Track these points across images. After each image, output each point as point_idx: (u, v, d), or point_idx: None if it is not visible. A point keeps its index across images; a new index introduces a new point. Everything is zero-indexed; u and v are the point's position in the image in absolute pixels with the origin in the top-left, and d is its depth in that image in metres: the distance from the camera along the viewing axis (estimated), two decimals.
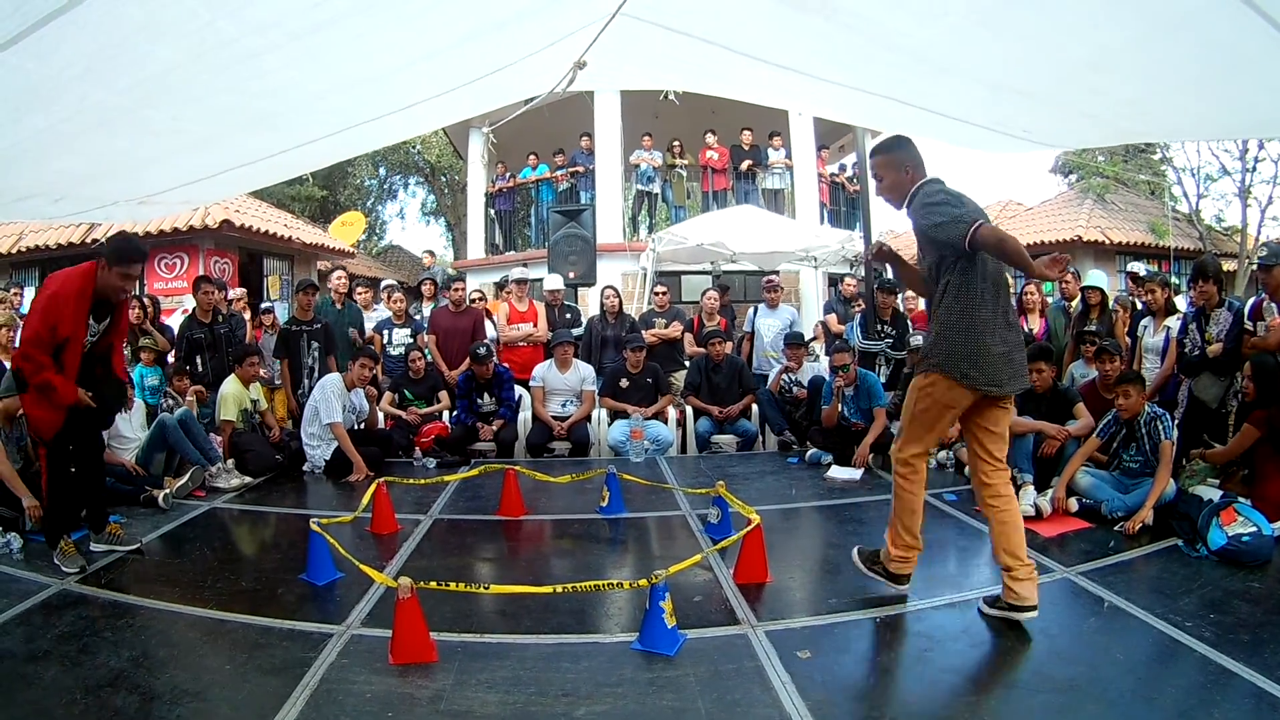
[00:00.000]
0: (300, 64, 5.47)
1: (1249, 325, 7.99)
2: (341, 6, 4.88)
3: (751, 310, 13.40)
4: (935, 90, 6.07)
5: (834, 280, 17.76)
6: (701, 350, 11.88)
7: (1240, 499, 6.45)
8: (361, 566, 5.31)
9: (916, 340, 10.56)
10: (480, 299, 13.15)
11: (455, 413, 11.18)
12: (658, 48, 6.48)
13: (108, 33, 4.29)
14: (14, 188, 6.51)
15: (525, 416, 11.47)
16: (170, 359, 10.72)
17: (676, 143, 21.28)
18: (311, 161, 9.18)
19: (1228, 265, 23.57)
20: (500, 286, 14.66)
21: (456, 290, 12.23)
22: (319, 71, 5.72)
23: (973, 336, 5.04)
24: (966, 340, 5.05)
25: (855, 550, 5.73)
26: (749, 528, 5.88)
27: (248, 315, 13.15)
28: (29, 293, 17.82)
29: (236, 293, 13.77)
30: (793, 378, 11.24)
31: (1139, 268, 13.38)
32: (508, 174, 23.21)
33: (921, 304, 13.91)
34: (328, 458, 9.65)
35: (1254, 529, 6.03)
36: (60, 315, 6.12)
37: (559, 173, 21.71)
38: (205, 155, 6.71)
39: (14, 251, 19.10)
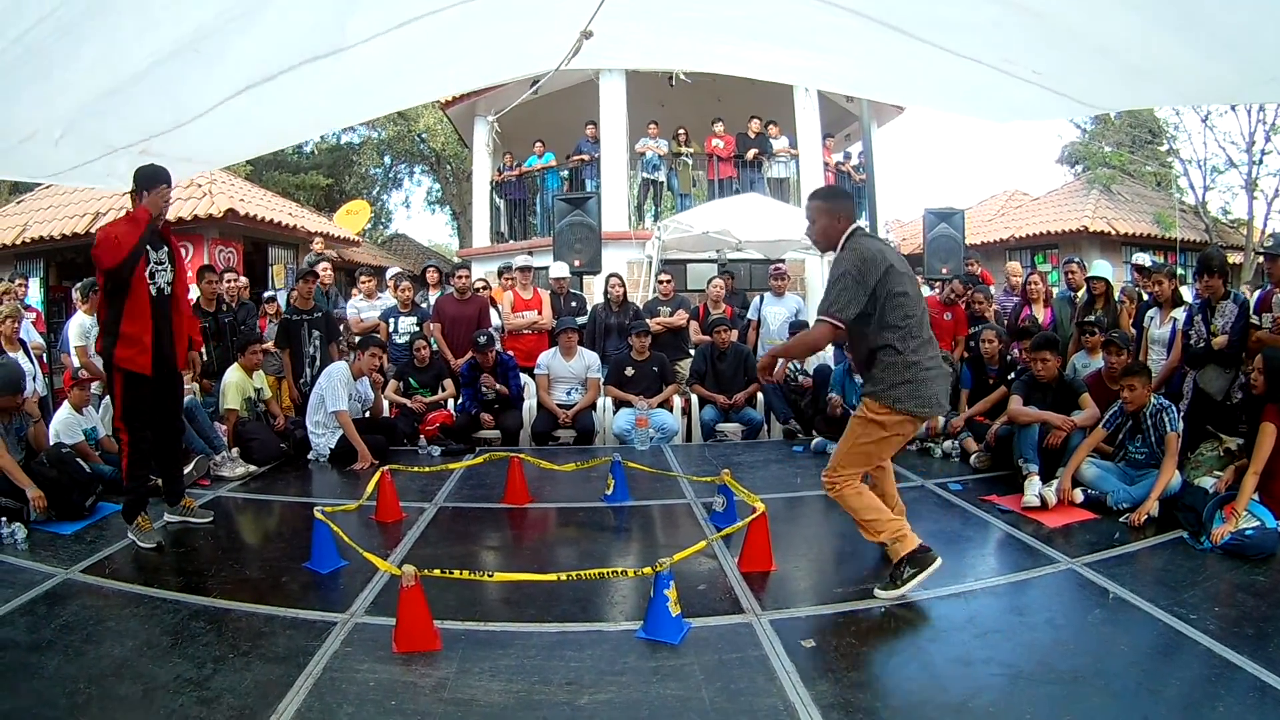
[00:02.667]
0: None
1: (1255, 318, 7.96)
2: None
3: (757, 298, 13.36)
4: (941, 11, 5.91)
5: None
6: (707, 338, 11.84)
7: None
8: (366, 554, 5.34)
9: None
10: (485, 287, 13.13)
11: (460, 401, 11.18)
12: (664, 10, 6.45)
13: None
14: (16, 119, 6.46)
15: (530, 404, 11.48)
16: None
17: (682, 130, 21.26)
18: (316, 123, 9.13)
19: (1233, 258, 23.48)
20: (501, 273, 14.60)
21: (461, 278, 12.21)
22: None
23: (907, 368, 5.36)
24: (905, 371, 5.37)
25: (876, 591, 5.53)
26: (754, 516, 5.89)
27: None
28: (34, 284, 17.84)
29: (239, 280, 13.74)
30: (798, 366, 11.23)
31: (1144, 259, 13.36)
32: (514, 163, 23.18)
33: (926, 291, 13.92)
34: (332, 446, 9.66)
35: (1258, 523, 6.02)
36: (118, 235, 6.38)
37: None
38: (205, 74, 6.65)
39: (18, 243, 19.11)
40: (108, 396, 7.50)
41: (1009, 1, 5.42)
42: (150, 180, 6.55)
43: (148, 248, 6.61)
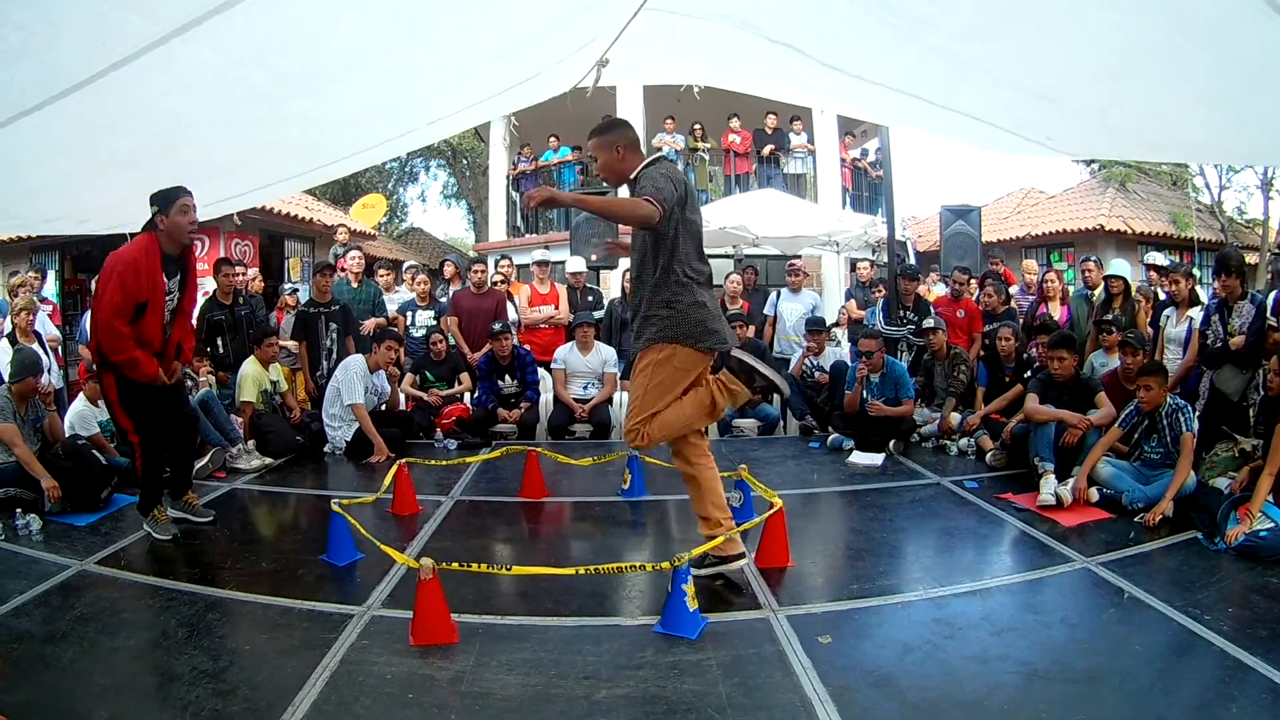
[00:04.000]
0: (331, 102, 5.53)
1: (1272, 319, 7.92)
2: (371, 52, 4.91)
3: (774, 294, 13.40)
4: (959, 89, 6.01)
5: (855, 265, 17.77)
6: None
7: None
8: (383, 547, 5.35)
9: (929, 323, 10.60)
10: (503, 281, 13.12)
11: (476, 394, 11.19)
12: (680, 37, 6.49)
13: (136, 96, 4.34)
14: (41, 213, 6.59)
15: (547, 398, 11.51)
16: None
17: (699, 126, 21.27)
18: (334, 173, 9.26)
19: (1249, 258, 23.41)
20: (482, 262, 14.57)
21: (478, 272, 12.20)
22: (350, 104, 5.79)
23: (697, 307, 5.34)
24: (695, 311, 5.34)
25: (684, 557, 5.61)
26: (771, 511, 5.89)
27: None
28: (50, 276, 17.88)
29: (251, 273, 13.83)
30: (815, 362, 11.23)
31: (1157, 258, 13.37)
32: (531, 156, 23.17)
33: (939, 289, 13.91)
34: (349, 439, 9.70)
35: (1272, 525, 6.01)
36: (137, 276, 6.14)
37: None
38: (231, 179, 6.79)
39: (34, 236, 19.15)
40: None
41: (1022, 87, 5.50)
42: (169, 199, 6.18)
43: (164, 277, 6.38)
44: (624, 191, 5.62)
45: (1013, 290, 13.38)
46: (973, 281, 12.76)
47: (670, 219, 5.13)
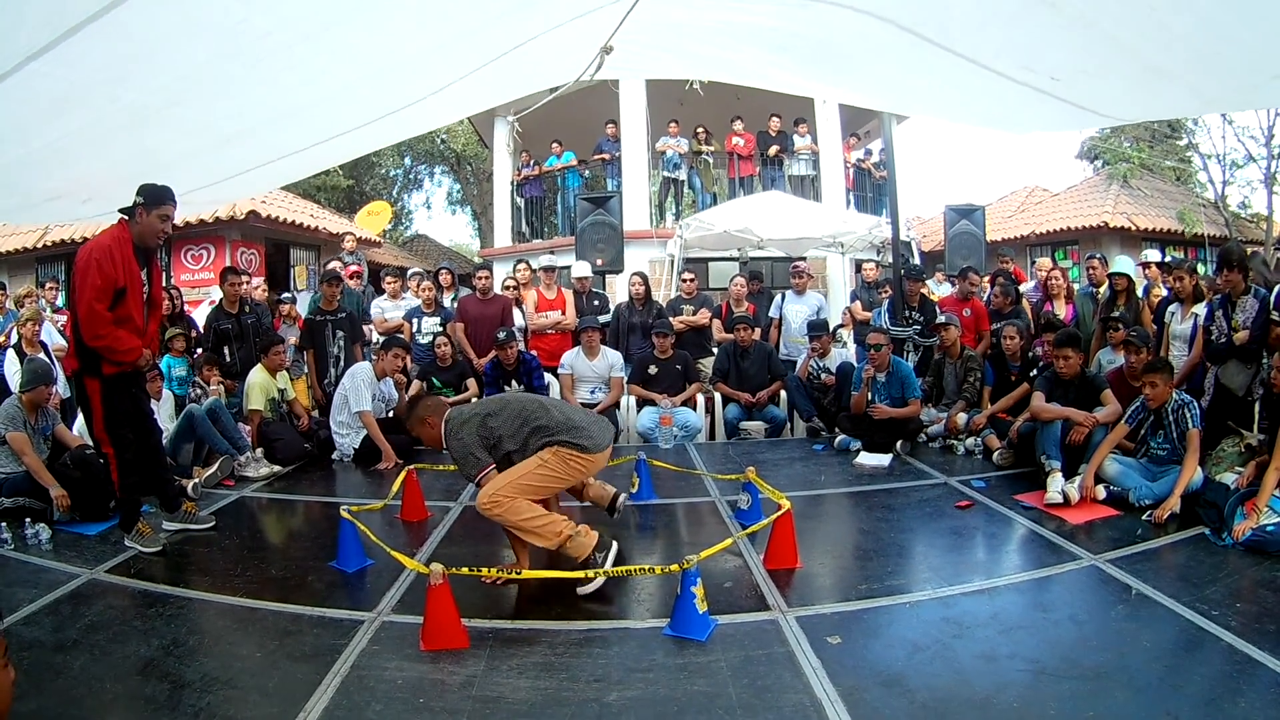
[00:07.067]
0: (333, 52, 5.48)
1: (1276, 314, 7.91)
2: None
3: (779, 296, 13.38)
4: (959, 8, 5.85)
5: (860, 266, 17.74)
6: (730, 337, 11.84)
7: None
8: (392, 553, 5.37)
9: (942, 319, 10.61)
10: (515, 286, 13.11)
11: None
12: (685, 25, 6.45)
13: (143, 35, 4.30)
14: (44, 189, 6.56)
15: None
16: (198, 350, 10.83)
17: (702, 129, 21.29)
18: (340, 154, 9.19)
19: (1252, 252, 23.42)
20: (470, 275, 14.55)
21: (482, 279, 12.21)
22: (350, 60, 5.73)
23: None
24: None
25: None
26: (779, 513, 5.89)
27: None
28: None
29: (255, 282, 13.86)
30: (821, 364, 11.24)
31: (1154, 255, 13.42)
32: (532, 162, 23.22)
33: (945, 289, 13.95)
34: (356, 446, 9.72)
35: (1278, 519, 6.00)
36: (113, 262, 6.22)
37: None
38: (235, 151, 6.74)
39: (39, 246, 19.22)
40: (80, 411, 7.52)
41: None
42: (156, 198, 6.37)
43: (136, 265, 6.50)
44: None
45: (1024, 288, 13.37)
46: (985, 280, 12.79)
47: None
